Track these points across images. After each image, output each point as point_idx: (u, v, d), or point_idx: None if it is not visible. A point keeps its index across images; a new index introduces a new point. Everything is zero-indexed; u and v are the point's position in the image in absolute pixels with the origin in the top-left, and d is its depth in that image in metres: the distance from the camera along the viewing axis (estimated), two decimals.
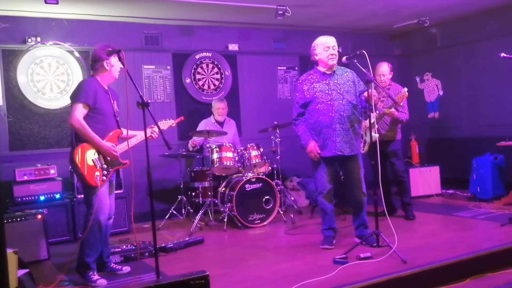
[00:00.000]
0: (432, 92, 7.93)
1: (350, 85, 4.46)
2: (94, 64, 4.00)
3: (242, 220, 5.62)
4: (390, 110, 5.25)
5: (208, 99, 6.86)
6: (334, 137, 4.37)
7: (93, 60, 4.01)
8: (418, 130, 7.80)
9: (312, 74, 4.53)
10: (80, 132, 3.82)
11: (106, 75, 4.00)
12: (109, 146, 3.92)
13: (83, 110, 3.84)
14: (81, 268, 3.94)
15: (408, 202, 5.65)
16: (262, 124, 6.69)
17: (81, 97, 3.84)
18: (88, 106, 3.86)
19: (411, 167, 7.01)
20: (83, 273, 3.92)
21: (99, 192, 3.87)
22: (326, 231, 4.61)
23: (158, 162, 6.33)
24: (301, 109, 4.54)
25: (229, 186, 5.86)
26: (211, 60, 6.96)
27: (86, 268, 3.92)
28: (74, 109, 3.83)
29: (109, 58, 3.95)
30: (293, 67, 7.62)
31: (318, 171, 4.52)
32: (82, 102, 3.83)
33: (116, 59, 3.98)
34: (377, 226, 4.25)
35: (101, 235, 3.94)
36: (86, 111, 3.85)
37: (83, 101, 3.84)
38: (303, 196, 6.99)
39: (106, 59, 3.95)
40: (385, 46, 8.26)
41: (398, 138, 5.61)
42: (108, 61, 3.95)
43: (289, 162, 7.02)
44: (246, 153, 5.93)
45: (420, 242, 4.51)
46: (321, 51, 4.45)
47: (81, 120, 3.81)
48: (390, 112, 5.27)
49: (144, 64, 6.52)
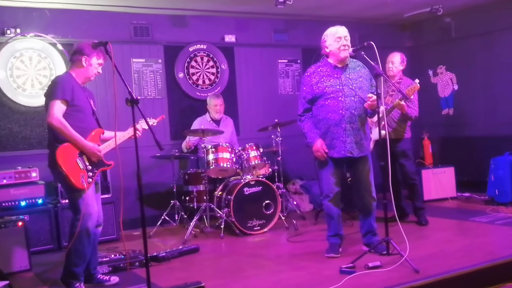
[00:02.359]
0: (446, 86, 7.94)
1: (362, 81, 4.44)
2: (73, 55, 4.04)
3: (240, 227, 5.62)
4: (400, 102, 5.21)
5: (203, 95, 6.87)
6: (343, 137, 4.37)
7: (74, 51, 4.06)
8: (431, 128, 7.81)
9: (322, 67, 4.50)
10: (61, 131, 3.82)
11: (82, 72, 4.01)
12: (93, 146, 3.93)
13: (62, 107, 3.84)
14: (68, 278, 3.94)
15: (420, 206, 5.66)
16: (262, 122, 6.69)
17: (57, 93, 3.85)
18: (67, 103, 3.86)
19: (423, 168, 7.02)
20: (69, 284, 3.92)
21: (86, 195, 3.88)
22: (331, 238, 4.62)
23: (149, 163, 6.33)
24: (308, 104, 4.53)
25: (226, 190, 5.86)
26: (206, 53, 6.96)
27: (74, 278, 3.92)
28: (52, 107, 3.83)
29: (91, 56, 3.97)
30: (295, 60, 7.62)
31: (324, 172, 4.52)
32: (60, 98, 3.84)
33: (97, 61, 4.01)
34: (387, 233, 4.25)
35: (89, 242, 3.94)
36: (65, 108, 3.86)
37: (61, 97, 3.84)
38: (306, 200, 7.00)
39: (87, 55, 3.96)
40: (395, 37, 8.27)
41: (407, 136, 5.60)
42: (88, 57, 3.97)
43: (291, 163, 7.03)
44: (245, 154, 5.93)
45: (434, 249, 4.51)
46: (331, 42, 4.41)
47: (61, 118, 3.82)
48: (399, 104, 5.21)
49: (133, 58, 6.51)
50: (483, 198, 6.73)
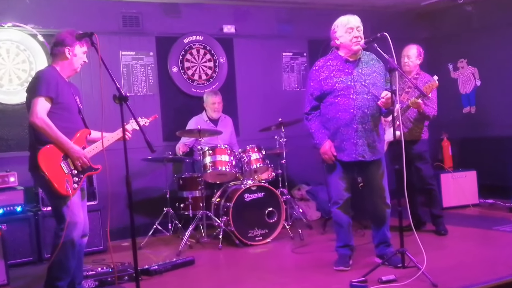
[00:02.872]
0: (468, 82, 7.93)
1: (376, 76, 4.42)
2: (54, 48, 4.01)
3: (240, 237, 5.62)
4: (417, 100, 5.19)
5: (199, 91, 6.86)
6: (354, 139, 4.35)
7: (54, 43, 4.02)
8: (451, 128, 7.79)
9: (332, 60, 4.48)
10: (45, 132, 3.81)
11: (66, 65, 4.00)
12: (78, 150, 3.91)
13: (46, 105, 3.83)
14: None
15: (439, 214, 5.65)
16: (264, 121, 6.67)
17: (41, 89, 3.83)
18: (51, 100, 3.85)
19: (442, 172, 7.01)
20: None
21: (71, 203, 3.86)
22: (341, 249, 4.61)
23: (140, 167, 6.32)
24: (316, 102, 4.52)
25: (224, 196, 5.85)
26: (202, 45, 6.96)
27: None
28: (35, 104, 3.81)
29: (74, 45, 3.95)
30: (301, 53, 7.62)
31: (333, 177, 4.51)
32: (43, 95, 3.82)
33: (81, 49, 3.99)
34: (402, 243, 4.24)
35: (74, 254, 3.93)
36: (49, 105, 3.85)
37: (45, 94, 3.82)
38: (313, 208, 6.99)
39: (70, 45, 3.94)
40: (411, 27, 8.25)
41: (424, 137, 5.60)
42: (71, 48, 3.95)
43: (296, 167, 7.01)
44: (245, 157, 5.93)
45: (453, 261, 4.51)
46: (342, 34, 4.38)
47: (45, 118, 3.80)
48: (416, 102, 5.20)
49: (122, 50, 6.52)
50: (508, 205, 6.71)
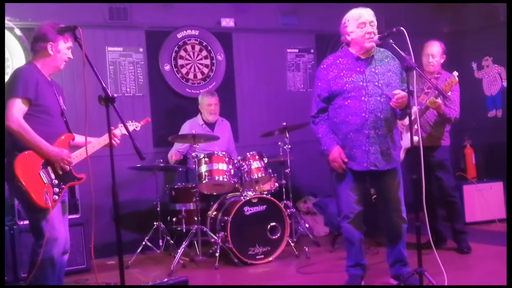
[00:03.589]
0: (494, 82, 7.95)
1: (391, 75, 4.41)
2: (35, 44, 4.05)
3: (239, 255, 5.63)
4: (436, 100, 5.19)
5: (194, 92, 6.89)
6: (366, 146, 4.36)
7: (34, 38, 4.06)
8: (475, 133, 7.80)
9: (342, 58, 4.49)
10: (21, 136, 3.83)
11: (48, 62, 4.04)
12: (59, 150, 3.93)
13: (23, 107, 3.86)
14: None
15: (461, 229, 5.67)
16: (267, 126, 6.69)
17: (18, 89, 3.86)
18: (29, 102, 3.88)
19: (465, 183, 7.03)
20: None
21: (50, 216, 3.87)
22: (352, 269, 4.61)
23: (127, 176, 6.33)
24: (324, 103, 4.52)
25: (222, 209, 5.88)
26: (198, 40, 6.99)
27: None
28: (10, 106, 3.84)
29: (57, 41, 3.98)
30: (308, 50, 7.65)
31: (343, 188, 4.51)
32: (20, 96, 3.85)
33: (65, 45, 4.03)
34: (420, 263, 4.23)
35: (54, 273, 3.94)
36: (26, 108, 3.87)
37: (22, 95, 3.85)
38: (321, 222, 7.00)
39: (52, 41, 3.98)
40: (430, 21, 8.27)
41: (446, 144, 5.62)
42: (54, 43, 3.99)
43: (302, 177, 7.03)
44: (245, 165, 5.95)
45: (477, 282, 4.51)
46: (354, 29, 4.37)
47: (21, 120, 3.83)
48: (435, 102, 5.20)
49: (109, 46, 6.55)
50: None
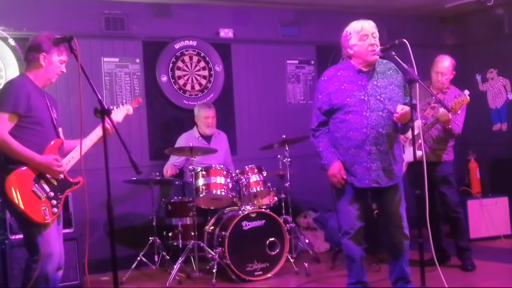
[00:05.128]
0: (499, 95, 7.96)
1: (394, 89, 4.39)
2: (28, 53, 4.03)
3: (237, 271, 5.61)
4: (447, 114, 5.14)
5: (191, 103, 6.88)
6: (367, 163, 4.34)
7: (28, 48, 4.05)
8: (479, 148, 7.81)
9: (343, 70, 4.48)
10: (7, 147, 3.80)
11: (41, 73, 4.01)
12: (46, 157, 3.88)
13: (9, 123, 3.83)
14: None
15: (465, 246, 5.66)
16: (266, 138, 6.70)
17: (7, 104, 3.84)
18: (18, 116, 3.85)
19: (469, 198, 7.02)
20: None
21: (46, 232, 3.85)
22: (353, 287, 4.60)
23: (122, 190, 6.33)
24: (324, 117, 4.52)
25: (219, 224, 5.86)
26: (195, 51, 7.01)
27: None
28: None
29: (51, 52, 3.96)
30: (308, 61, 7.65)
31: (343, 203, 4.50)
32: (9, 111, 3.82)
33: (58, 58, 4.01)
34: (423, 280, 4.22)
35: None
36: (12, 124, 3.85)
37: (11, 109, 3.83)
38: (321, 238, 6.99)
39: (46, 52, 3.96)
40: (433, 33, 8.31)
41: (449, 159, 5.63)
42: (47, 55, 3.97)
43: (302, 191, 7.02)
44: (244, 179, 5.94)
45: None
46: (356, 42, 4.35)
47: (4, 133, 3.79)
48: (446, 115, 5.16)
49: (105, 56, 6.56)
50: None
